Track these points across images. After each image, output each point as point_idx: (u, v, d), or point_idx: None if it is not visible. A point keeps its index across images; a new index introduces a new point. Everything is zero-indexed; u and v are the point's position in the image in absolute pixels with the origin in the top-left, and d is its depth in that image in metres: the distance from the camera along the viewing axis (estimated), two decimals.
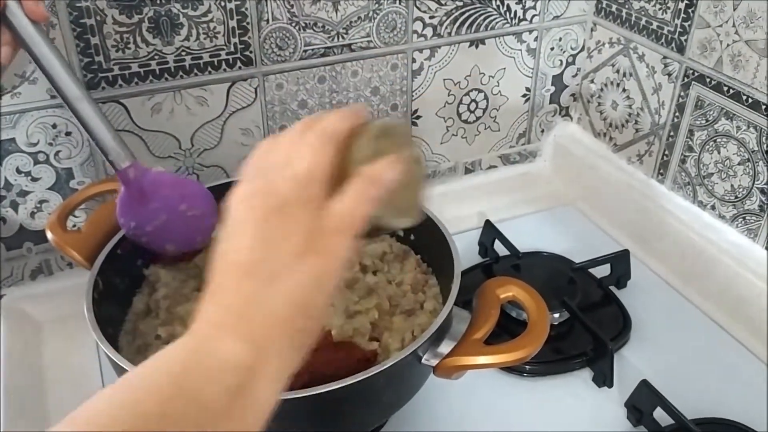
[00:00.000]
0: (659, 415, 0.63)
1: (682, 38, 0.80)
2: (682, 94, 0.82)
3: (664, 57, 0.83)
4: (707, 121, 0.79)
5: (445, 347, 0.56)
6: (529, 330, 0.55)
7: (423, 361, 0.55)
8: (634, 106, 0.89)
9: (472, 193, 0.98)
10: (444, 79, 0.89)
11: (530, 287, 0.58)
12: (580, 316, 0.71)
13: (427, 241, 0.71)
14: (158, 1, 0.70)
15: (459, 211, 0.93)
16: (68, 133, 0.73)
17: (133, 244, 0.65)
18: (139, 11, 0.70)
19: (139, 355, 0.61)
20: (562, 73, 0.96)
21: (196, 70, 0.75)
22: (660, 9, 0.82)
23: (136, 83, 0.73)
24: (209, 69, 0.76)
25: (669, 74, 0.83)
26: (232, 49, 0.76)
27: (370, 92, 0.86)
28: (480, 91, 0.92)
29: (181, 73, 0.75)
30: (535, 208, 0.97)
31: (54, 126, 0.72)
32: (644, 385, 0.63)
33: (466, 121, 0.94)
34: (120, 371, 0.54)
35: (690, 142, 0.82)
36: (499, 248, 0.84)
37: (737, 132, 0.75)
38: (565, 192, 0.99)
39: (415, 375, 0.58)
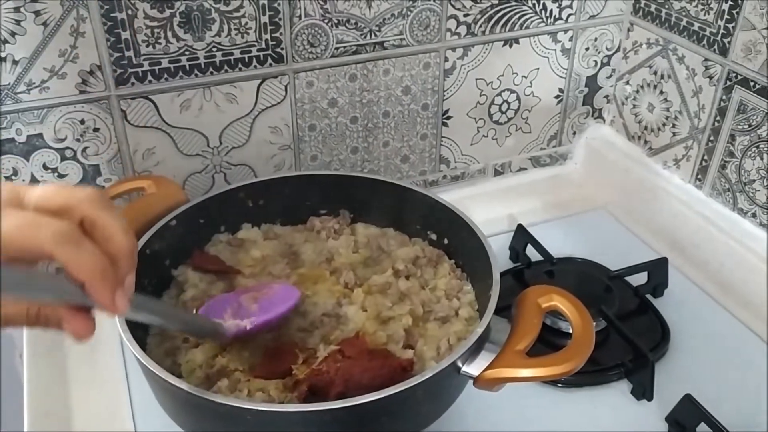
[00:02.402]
0: (702, 430, 0.60)
1: (725, 40, 0.77)
2: (724, 97, 0.79)
3: (706, 59, 0.81)
4: (750, 126, 0.77)
5: (485, 358, 0.54)
6: (574, 342, 0.53)
7: (462, 371, 0.53)
8: (672, 109, 0.87)
9: (501, 195, 0.96)
10: (476, 79, 0.87)
11: (574, 297, 0.56)
12: (619, 326, 0.69)
13: (461, 245, 0.69)
14: None
15: (488, 213, 0.91)
16: (96, 129, 0.71)
17: (161, 244, 0.64)
18: (170, 5, 0.68)
19: (167, 358, 0.59)
20: (596, 74, 0.94)
21: (226, 67, 0.74)
22: (702, 10, 0.79)
23: (166, 79, 0.72)
24: (240, 65, 0.74)
25: (710, 77, 0.81)
26: (264, 45, 0.74)
27: (401, 91, 0.84)
28: (512, 91, 0.90)
29: (211, 69, 0.73)
30: (566, 212, 0.95)
31: (82, 122, 0.70)
32: (688, 399, 0.61)
33: (497, 122, 0.92)
34: (148, 373, 0.53)
35: (731, 148, 0.79)
36: (531, 253, 0.82)
37: None
38: (597, 196, 0.97)
39: (453, 386, 0.56)
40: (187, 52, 0.71)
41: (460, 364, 0.53)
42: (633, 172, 0.92)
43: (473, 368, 0.53)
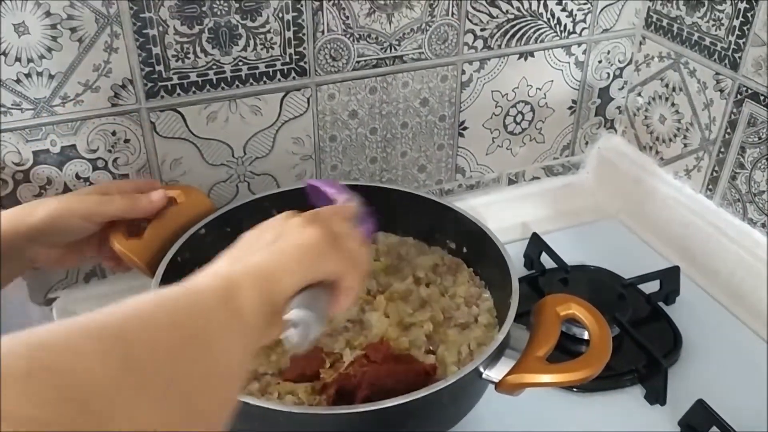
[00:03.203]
0: None
1: (736, 55, 0.80)
2: (735, 110, 0.81)
3: (717, 73, 0.83)
4: (760, 138, 0.79)
5: (506, 364, 0.56)
6: (592, 349, 0.55)
7: (484, 376, 0.56)
8: (683, 120, 0.89)
9: (514, 204, 0.98)
10: (492, 91, 0.89)
11: (591, 306, 0.58)
12: (633, 333, 0.71)
13: (479, 254, 0.71)
14: (218, 13, 0.71)
15: (502, 222, 0.93)
16: (127, 141, 0.74)
17: (191, 253, 0.66)
18: (200, 22, 0.71)
19: None
20: (608, 86, 0.96)
21: (251, 80, 0.76)
22: (713, 25, 0.82)
23: (194, 92, 0.74)
24: (264, 79, 0.77)
25: (721, 90, 0.83)
26: (288, 59, 0.77)
27: (419, 103, 0.86)
28: (527, 103, 0.93)
29: (237, 82, 0.76)
30: (578, 220, 0.97)
31: (114, 133, 0.73)
32: (700, 404, 0.63)
33: (511, 133, 0.94)
34: None
35: (741, 159, 0.82)
36: (545, 260, 0.84)
37: None
38: (609, 205, 0.99)
39: (475, 390, 0.58)
40: (214, 67, 0.74)
41: (482, 369, 0.55)
42: (644, 182, 0.94)
43: (495, 373, 0.55)
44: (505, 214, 0.95)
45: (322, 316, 0.46)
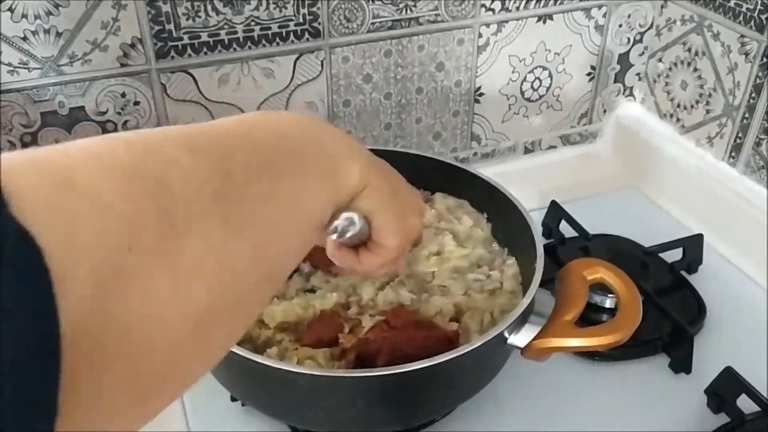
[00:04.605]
0: (742, 402, 0.61)
1: (762, 17, 0.77)
2: (760, 75, 0.79)
3: (742, 36, 0.80)
4: None
5: (531, 329, 0.54)
6: (621, 313, 0.53)
7: (508, 342, 0.54)
8: (706, 86, 0.87)
9: (531, 173, 0.96)
10: (509, 56, 0.87)
11: (619, 269, 0.56)
12: (657, 301, 0.69)
13: (502, 220, 0.69)
14: None
15: (518, 191, 0.91)
16: (137, 103, 0.72)
17: None
18: None
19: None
20: (628, 52, 0.94)
21: (264, 41, 0.74)
22: None
23: (205, 53, 0.72)
24: (277, 40, 0.74)
25: (746, 54, 0.80)
26: (301, 20, 0.74)
27: (435, 67, 0.84)
28: (544, 68, 0.90)
29: (249, 43, 0.73)
30: (595, 190, 0.95)
31: (123, 95, 0.71)
32: (728, 371, 0.61)
33: (528, 100, 0.92)
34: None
35: (766, 125, 0.79)
36: (564, 230, 0.82)
37: None
38: (627, 174, 0.97)
39: (499, 356, 0.57)
40: (226, 26, 0.71)
41: (507, 335, 0.54)
42: (664, 151, 0.92)
43: (520, 338, 0.54)
44: (521, 184, 0.92)
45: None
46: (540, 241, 0.61)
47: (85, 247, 0.23)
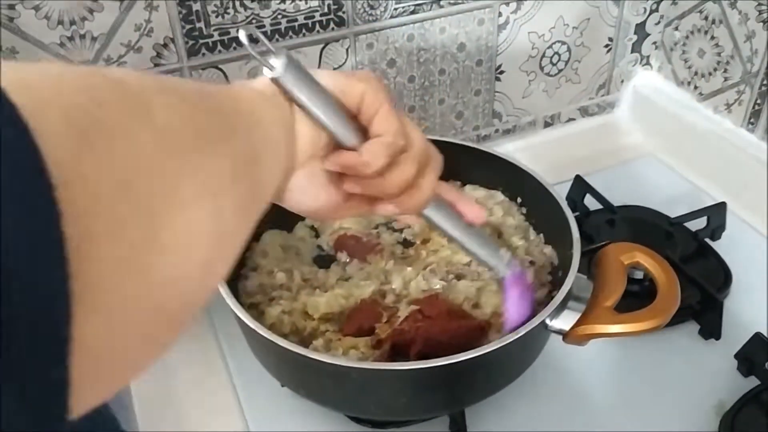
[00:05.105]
0: None
1: None
2: None
3: (759, 3, 0.81)
4: None
5: (571, 315, 0.55)
6: (660, 298, 0.55)
7: (549, 328, 0.55)
8: (724, 54, 0.88)
9: (551, 146, 0.97)
10: (528, 32, 0.88)
11: (656, 254, 0.57)
12: (686, 270, 0.71)
13: (533, 203, 0.70)
14: None
15: (539, 165, 0.91)
16: None
17: None
18: None
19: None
20: (645, 21, 0.95)
21: (291, 33, 0.75)
22: None
23: (234, 48, 0.73)
24: (303, 31, 0.76)
25: (764, 21, 0.81)
26: (326, 10, 0.75)
27: (457, 48, 0.85)
28: (563, 43, 0.91)
29: (277, 36, 0.74)
30: (616, 160, 0.96)
31: None
32: (758, 337, 0.64)
33: (548, 74, 0.93)
34: (255, 337, 0.55)
35: None
36: (588, 203, 0.84)
37: None
38: (646, 143, 0.98)
39: (539, 342, 0.58)
40: (254, 21, 0.73)
41: (548, 322, 0.54)
42: (683, 118, 0.94)
43: (561, 324, 0.55)
44: (542, 158, 0.94)
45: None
46: (575, 226, 0.61)
47: (50, 90, 0.24)
